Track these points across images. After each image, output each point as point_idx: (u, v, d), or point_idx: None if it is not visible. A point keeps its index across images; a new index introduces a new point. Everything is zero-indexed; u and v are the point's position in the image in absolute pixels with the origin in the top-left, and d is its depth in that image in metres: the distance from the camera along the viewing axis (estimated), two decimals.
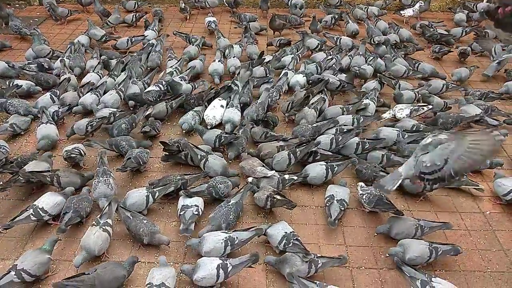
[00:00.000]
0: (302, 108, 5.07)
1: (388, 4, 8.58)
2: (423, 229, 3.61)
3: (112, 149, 4.55)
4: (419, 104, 5.22)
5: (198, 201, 3.82)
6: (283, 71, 5.87)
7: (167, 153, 4.50)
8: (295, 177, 4.12)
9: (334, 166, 4.21)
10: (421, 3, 8.23)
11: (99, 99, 5.30)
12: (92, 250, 3.37)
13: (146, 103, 5.19)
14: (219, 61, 6.16)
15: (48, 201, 3.74)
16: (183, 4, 8.24)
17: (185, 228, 3.63)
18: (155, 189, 3.92)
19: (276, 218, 3.91)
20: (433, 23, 7.82)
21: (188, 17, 8.35)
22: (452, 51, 6.98)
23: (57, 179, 4.02)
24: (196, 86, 5.62)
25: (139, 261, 3.40)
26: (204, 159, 4.25)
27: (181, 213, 3.71)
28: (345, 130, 4.65)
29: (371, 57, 6.22)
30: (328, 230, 3.84)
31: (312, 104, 5.09)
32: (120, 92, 5.36)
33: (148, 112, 5.02)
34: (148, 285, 3.09)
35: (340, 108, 5.13)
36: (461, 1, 8.73)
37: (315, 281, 3.16)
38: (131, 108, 5.31)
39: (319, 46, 6.74)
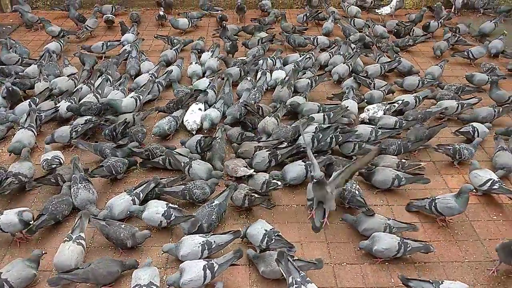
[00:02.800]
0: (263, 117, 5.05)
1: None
2: (391, 228, 3.66)
3: (97, 153, 4.52)
4: (389, 102, 5.32)
5: (162, 203, 3.79)
6: (261, 72, 5.89)
7: (144, 159, 4.48)
8: (279, 183, 4.06)
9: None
10: (398, 0, 8.36)
11: None
12: (68, 265, 3.27)
13: (82, 115, 5.00)
14: (195, 63, 6.18)
15: (5, 218, 3.56)
16: (162, 12, 8.19)
17: (190, 226, 3.66)
18: (136, 191, 3.90)
19: (257, 219, 3.87)
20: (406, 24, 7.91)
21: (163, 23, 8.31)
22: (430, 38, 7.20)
23: (61, 178, 4.09)
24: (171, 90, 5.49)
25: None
26: (188, 166, 4.22)
27: (173, 219, 3.69)
28: (324, 127, 4.70)
29: (351, 56, 6.30)
30: (310, 228, 3.85)
31: (272, 112, 5.05)
32: (97, 95, 5.35)
33: (123, 127, 4.80)
34: (137, 287, 3.08)
35: (318, 106, 5.19)
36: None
37: (301, 272, 3.17)
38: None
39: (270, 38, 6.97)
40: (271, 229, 3.57)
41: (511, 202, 4.15)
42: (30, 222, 3.60)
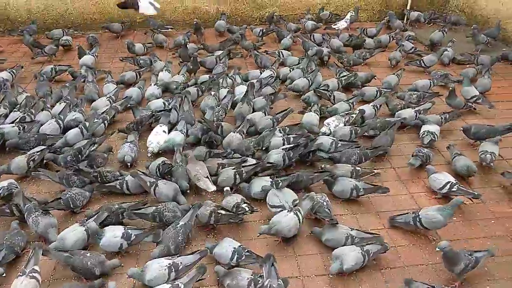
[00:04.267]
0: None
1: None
2: (353, 239, 3.69)
3: (62, 182, 4.33)
4: (346, 112, 5.46)
5: (119, 227, 3.70)
6: (227, 90, 5.89)
7: (99, 182, 4.36)
8: (247, 209, 3.98)
9: (279, 181, 4.26)
10: (352, 14, 8.66)
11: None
12: None
13: (23, 149, 4.82)
14: (155, 84, 6.13)
15: None
16: None
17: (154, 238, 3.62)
18: (89, 221, 3.75)
19: (225, 237, 3.83)
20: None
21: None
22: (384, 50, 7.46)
23: (16, 208, 3.92)
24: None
25: None
26: (154, 185, 4.16)
27: (133, 238, 3.61)
28: (292, 145, 4.72)
29: (312, 71, 6.43)
30: (277, 242, 3.87)
31: (237, 128, 5.11)
32: (59, 120, 5.21)
33: (94, 148, 4.79)
34: None
35: (271, 119, 5.24)
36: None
37: (279, 279, 3.20)
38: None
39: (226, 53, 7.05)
40: (239, 246, 3.55)
41: (469, 202, 4.29)
42: None
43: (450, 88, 5.80)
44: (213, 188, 4.17)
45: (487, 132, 5.02)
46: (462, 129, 5.16)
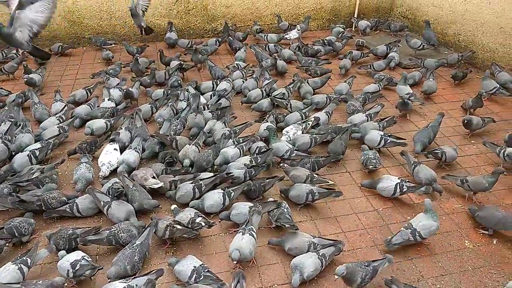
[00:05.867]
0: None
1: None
2: (315, 246, 3.73)
3: (16, 207, 4.12)
4: (303, 120, 5.56)
5: (79, 254, 3.55)
6: (186, 103, 5.85)
7: (35, 210, 4.17)
8: (203, 223, 3.92)
9: (231, 191, 4.27)
10: (302, 24, 8.84)
11: None
12: None
13: None
14: (108, 99, 5.99)
15: None
16: None
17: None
18: (24, 257, 3.51)
19: (185, 254, 3.76)
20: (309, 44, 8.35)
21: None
22: (331, 62, 7.60)
23: None
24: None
25: None
26: (107, 206, 4.06)
27: (77, 268, 3.42)
28: (255, 164, 4.73)
29: (267, 82, 6.51)
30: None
31: (191, 139, 5.12)
32: (6, 141, 4.92)
33: (34, 172, 4.56)
34: None
35: (228, 130, 5.25)
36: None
37: None
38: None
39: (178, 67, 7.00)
40: (200, 265, 3.51)
41: (420, 200, 4.48)
42: None
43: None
44: (160, 184, 4.31)
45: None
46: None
